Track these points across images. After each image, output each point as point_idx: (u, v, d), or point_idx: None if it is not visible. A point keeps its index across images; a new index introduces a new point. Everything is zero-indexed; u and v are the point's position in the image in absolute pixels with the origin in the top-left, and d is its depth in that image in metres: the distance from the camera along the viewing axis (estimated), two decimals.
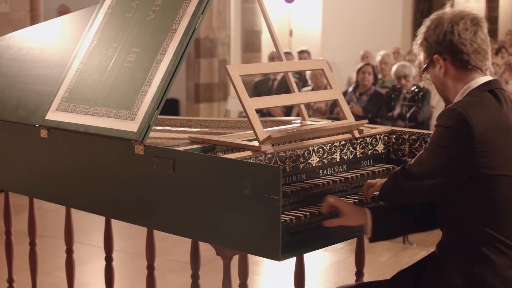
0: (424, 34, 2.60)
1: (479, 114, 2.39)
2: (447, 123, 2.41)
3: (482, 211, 2.44)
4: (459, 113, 2.38)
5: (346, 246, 5.56)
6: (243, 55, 12.53)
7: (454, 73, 2.54)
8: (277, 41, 3.28)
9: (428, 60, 2.60)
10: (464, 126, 2.37)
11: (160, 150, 2.72)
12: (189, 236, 2.76)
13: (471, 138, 2.36)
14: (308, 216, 2.62)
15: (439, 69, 2.56)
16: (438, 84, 2.61)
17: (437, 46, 2.54)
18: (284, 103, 3.07)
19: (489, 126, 2.39)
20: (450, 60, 2.53)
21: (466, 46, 2.50)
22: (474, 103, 2.43)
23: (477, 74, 2.53)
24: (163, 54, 2.82)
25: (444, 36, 2.51)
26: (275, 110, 8.77)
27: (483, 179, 2.41)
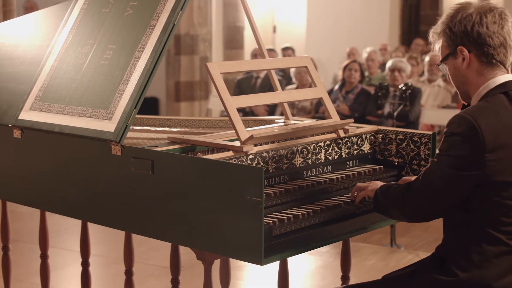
0: (447, 23, 2.57)
1: (489, 121, 2.38)
2: (456, 131, 2.40)
3: (493, 217, 2.44)
4: (468, 121, 2.38)
5: (332, 249, 5.57)
6: (225, 52, 12.52)
7: (477, 66, 2.52)
8: (260, 37, 3.28)
9: (449, 51, 2.58)
10: (474, 134, 2.36)
11: (138, 151, 2.72)
12: (168, 240, 2.76)
13: (482, 147, 2.36)
14: (291, 218, 2.63)
15: (461, 61, 2.54)
16: (458, 76, 2.59)
17: (462, 37, 2.52)
18: (266, 101, 3.08)
19: (500, 133, 2.38)
20: (475, 53, 2.51)
21: (493, 39, 2.49)
22: (484, 110, 2.43)
23: (499, 70, 2.52)
24: (141, 51, 2.82)
25: (472, 27, 2.49)
26: (258, 109, 8.78)
27: (496, 186, 2.41)
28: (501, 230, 2.45)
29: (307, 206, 2.76)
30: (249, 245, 2.40)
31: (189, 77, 11.39)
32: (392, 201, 2.61)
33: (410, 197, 2.53)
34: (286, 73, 10.23)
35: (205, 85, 11.46)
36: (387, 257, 5.48)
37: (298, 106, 8.54)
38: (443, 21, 2.60)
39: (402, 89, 6.98)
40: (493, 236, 2.45)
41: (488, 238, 2.45)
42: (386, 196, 2.64)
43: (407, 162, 3.22)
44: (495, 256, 2.46)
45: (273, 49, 11.38)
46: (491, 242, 2.46)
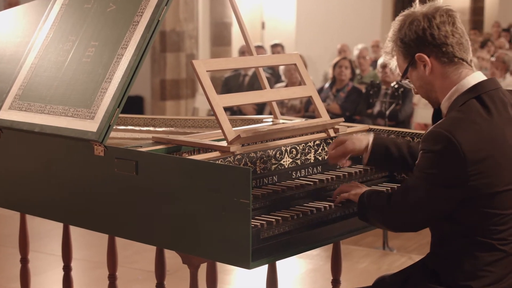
0: (397, 36, 2.55)
1: (468, 134, 2.34)
2: (433, 149, 2.37)
3: (484, 227, 2.43)
4: (445, 137, 2.34)
5: (322, 252, 5.58)
6: (212, 49, 12.52)
7: (441, 69, 2.50)
8: (247, 34, 3.29)
9: (407, 63, 2.56)
10: (453, 150, 2.32)
11: (121, 151, 2.71)
12: (153, 243, 2.76)
13: (463, 162, 2.32)
14: (280, 221, 2.63)
15: (423, 68, 2.52)
16: (423, 86, 2.56)
17: (417, 44, 2.50)
18: (254, 100, 3.09)
19: (480, 145, 2.35)
20: (434, 55, 2.50)
21: (449, 38, 2.48)
22: (460, 122, 2.38)
23: (463, 68, 2.51)
24: (124, 48, 2.82)
25: (424, 31, 2.48)
26: (246, 108, 8.78)
27: (483, 198, 2.38)
28: (493, 237, 2.43)
29: (296, 208, 2.76)
30: (236, 248, 2.40)
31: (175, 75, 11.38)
32: (373, 212, 2.60)
33: (391, 212, 2.52)
34: (275, 71, 10.23)
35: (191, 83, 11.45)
36: (379, 260, 5.49)
37: (288, 105, 8.55)
38: (391, 37, 2.59)
39: (394, 87, 6.99)
40: (485, 243, 2.44)
41: (480, 246, 2.44)
42: (369, 205, 2.63)
43: None
44: (489, 264, 2.45)
45: (261, 46, 11.39)
46: (484, 250, 2.44)
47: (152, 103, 11.56)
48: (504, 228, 2.43)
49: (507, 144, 2.41)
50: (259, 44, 11.69)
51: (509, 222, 2.43)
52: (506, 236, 2.43)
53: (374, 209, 2.60)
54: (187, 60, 11.35)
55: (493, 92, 2.48)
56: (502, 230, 2.43)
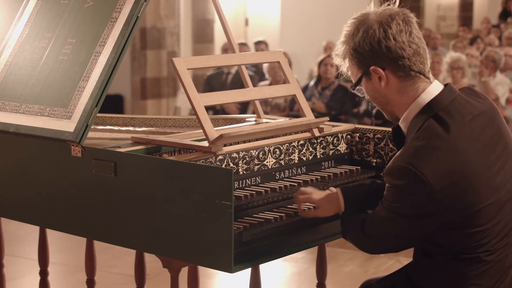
0: (349, 43, 2.47)
1: (431, 164, 2.29)
2: (398, 183, 2.33)
3: (466, 245, 2.40)
4: (409, 171, 2.29)
5: (307, 255, 5.59)
6: (194, 47, 12.50)
7: (397, 84, 2.44)
8: (229, 31, 3.29)
9: (361, 73, 2.49)
10: (419, 183, 2.28)
11: (99, 152, 2.71)
12: (133, 246, 2.76)
13: (431, 192, 2.28)
14: (263, 223, 2.64)
15: (378, 81, 2.45)
16: (378, 98, 2.50)
17: (372, 56, 2.42)
18: (236, 99, 3.09)
19: (446, 172, 2.30)
20: (390, 69, 2.42)
21: (406, 50, 2.40)
22: (421, 151, 2.32)
23: (420, 82, 2.44)
24: (102, 46, 2.81)
25: (379, 43, 2.40)
26: (229, 107, 8.78)
27: (461, 220, 2.35)
28: (477, 252, 2.40)
29: (280, 210, 2.76)
30: (218, 251, 2.40)
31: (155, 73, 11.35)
32: (350, 235, 2.57)
33: (366, 239, 2.50)
34: (259, 68, 10.24)
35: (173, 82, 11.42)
36: (366, 263, 5.51)
37: (272, 104, 8.56)
38: (344, 41, 2.51)
39: None
40: (470, 258, 2.41)
41: (465, 261, 2.41)
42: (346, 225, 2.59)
43: (385, 163, 3.23)
44: (476, 277, 2.42)
45: (245, 43, 11.39)
46: (469, 263, 2.41)
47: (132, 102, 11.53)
48: (487, 241, 2.40)
49: (473, 161, 2.35)
50: (243, 41, 11.69)
51: (490, 234, 2.40)
52: (489, 247, 2.41)
53: (351, 235, 2.57)
54: (168, 57, 11.33)
55: (450, 106, 2.41)
56: (486, 243, 2.40)
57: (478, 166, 2.36)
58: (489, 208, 2.37)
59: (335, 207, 2.63)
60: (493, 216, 2.38)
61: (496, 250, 2.42)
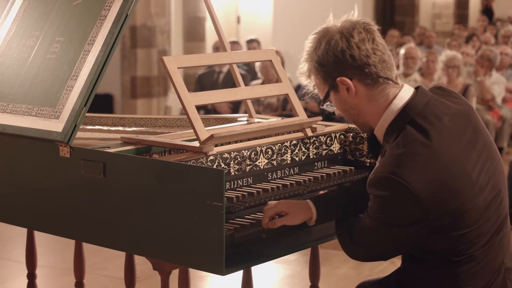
0: (313, 58, 2.48)
1: (414, 170, 2.29)
2: (382, 194, 2.33)
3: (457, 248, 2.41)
4: (393, 180, 2.29)
5: (300, 257, 5.60)
6: (185, 45, 12.49)
7: (365, 92, 2.43)
8: (220, 28, 3.29)
9: (328, 87, 2.48)
10: (404, 192, 2.28)
11: (88, 152, 2.71)
12: (122, 249, 2.76)
13: (417, 200, 2.28)
14: (255, 224, 2.64)
15: (346, 92, 2.45)
16: (349, 110, 2.50)
17: (337, 68, 2.42)
18: (227, 98, 3.09)
19: (430, 177, 2.30)
20: (357, 78, 2.42)
21: (371, 57, 2.40)
22: (403, 159, 2.31)
23: (390, 88, 2.43)
24: (91, 44, 2.81)
25: (343, 53, 2.40)
26: (221, 107, 8.78)
27: (449, 224, 2.36)
28: (467, 253, 2.40)
29: None
30: (209, 253, 2.40)
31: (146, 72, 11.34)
32: (340, 242, 2.58)
33: (355, 247, 2.50)
34: (251, 67, 10.24)
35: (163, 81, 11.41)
36: (360, 265, 5.51)
37: (264, 103, 8.57)
38: (307, 58, 2.51)
39: None
40: (461, 260, 2.41)
41: (455, 263, 2.42)
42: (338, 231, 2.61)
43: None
44: (468, 278, 2.43)
45: (237, 42, 11.39)
46: (460, 264, 2.42)
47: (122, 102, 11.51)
48: (477, 240, 2.40)
49: (456, 164, 2.35)
50: (234, 40, 11.69)
51: (479, 234, 2.40)
52: (480, 246, 2.42)
53: (340, 241, 2.58)
54: (158, 56, 11.32)
55: (424, 109, 2.41)
56: (476, 242, 2.41)
57: (462, 168, 2.36)
58: (476, 208, 2.37)
59: (304, 214, 2.62)
60: (480, 216, 2.38)
61: (486, 248, 2.43)
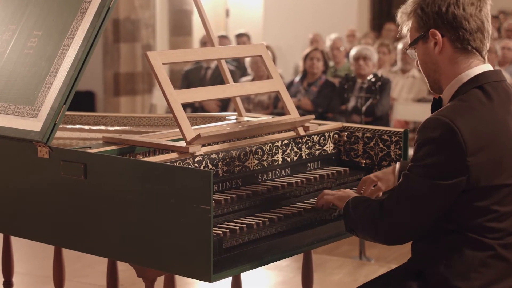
0: (419, 2, 2.58)
1: (468, 121, 2.40)
2: (431, 136, 2.41)
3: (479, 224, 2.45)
4: (445, 123, 2.39)
5: (292, 263, 5.60)
6: (171, 39, 12.48)
7: (451, 53, 2.54)
8: (207, 22, 3.29)
9: (420, 33, 2.58)
10: (453, 137, 2.38)
11: (68, 153, 2.70)
12: (104, 254, 2.75)
13: (462, 150, 2.37)
14: (245, 228, 2.64)
15: (433, 46, 2.55)
16: (428, 63, 2.61)
17: (435, 19, 2.53)
18: (215, 96, 3.09)
19: (480, 132, 2.40)
20: (448, 37, 2.53)
21: (470, 23, 2.51)
22: (460, 109, 2.44)
23: (475, 59, 2.55)
24: (71, 39, 2.81)
25: (448, 7, 2.51)
26: (209, 105, 8.77)
27: (481, 192, 2.43)
28: (488, 236, 2.47)
29: (262, 215, 2.77)
30: (196, 259, 2.40)
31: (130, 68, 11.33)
32: (362, 223, 2.60)
33: (386, 221, 2.50)
34: (241, 63, 10.24)
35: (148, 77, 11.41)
36: (356, 271, 5.52)
37: (255, 101, 8.56)
38: (415, 0, 2.61)
39: (371, 81, 7.03)
40: (479, 241, 2.47)
41: (472, 244, 2.47)
42: (355, 217, 2.62)
43: (375, 164, 3.26)
44: (482, 265, 2.48)
45: (225, 36, 11.38)
46: (477, 248, 2.47)
47: (104, 99, 11.50)
48: (501, 227, 2.47)
49: (509, 135, 2.47)
50: (223, 34, 11.68)
51: (505, 222, 2.47)
52: (503, 236, 2.47)
53: (363, 222, 2.59)
54: (143, 51, 11.30)
55: (497, 83, 2.53)
56: (499, 230, 2.47)
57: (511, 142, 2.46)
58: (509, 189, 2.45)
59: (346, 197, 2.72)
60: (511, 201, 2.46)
61: (509, 245, 2.49)
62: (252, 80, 8.48)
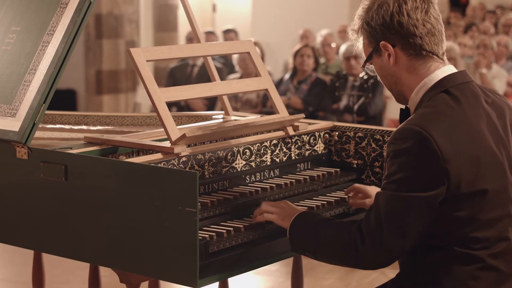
0: (364, 17, 2.58)
1: (439, 126, 2.38)
2: (403, 147, 2.38)
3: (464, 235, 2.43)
4: (416, 131, 2.37)
5: (282, 267, 5.60)
6: (155, 35, 12.47)
7: (406, 62, 2.53)
8: (193, 17, 3.29)
9: (371, 48, 2.59)
10: (426, 145, 2.35)
11: (48, 154, 2.70)
12: (86, 259, 2.75)
13: (438, 158, 2.34)
14: (232, 232, 2.64)
15: (387, 58, 2.55)
16: (387, 76, 2.60)
17: (383, 31, 2.53)
18: (201, 94, 3.09)
19: (453, 137, 2.39)
20: (400, 47, 2.52)
21: (418, 28, 2.50)
22: (428, 115, 2.42)
23: (433, 62, 2.54)
24: (51, 35, 2.80)
25: (391, 17, 2.50)
26: (195, 103, 8.77)
27: (463, 199, 2.40)
28: (475, 247, 2.44)
29: (250, 218, 2.77)
30: (181, 264, 2.40)
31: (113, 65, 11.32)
32: (330, 248, 2.52)
33: (370, 248, 2.43)
34: (229, 60, 10.25)
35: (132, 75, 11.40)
36: (347, 276, 5.53)
37: (243, 99, 8.57)
38: (360, 16, 2.61)
39: (363, 79, 7.04)
40: (466, 255, 2.45)
41: (460, 258, 2.45)
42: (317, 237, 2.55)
43: (368, 164, 3.26)
44: (471, 278, 2.46)
45: (212, 32, 11.39)
46: (465, 262, 2.45)
47: (86, 98, 11.48)
48: (486, 236, 2.45)
49: (483, 136, 2.45)
50: (210, 30, 11.69)
51: (490, 230, 2.45)
52: (490, 245, 2.45)
53: (333, 247, 2.52)
54: (126, 47, 11.30)
55: (463, 85, 2.52)
56: (484, 239, 2.44)
57: (486, 144, 2.45)
58: (494, 195, 2.44)
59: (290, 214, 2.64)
60: (494, 207, 2.45)
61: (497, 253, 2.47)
62: (240, 77, 8.49)
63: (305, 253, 2.59)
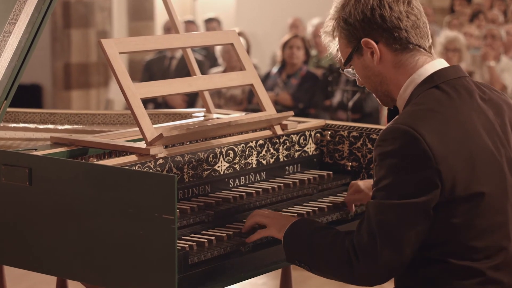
0: (339, 15, 2.57)
1: (430, 125, 2.38)
2: (391, 148, 2.38)
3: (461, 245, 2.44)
4: (404, 131, 2.37)
5: (269, 280, 5.61)
6: (130, 25, 12.47)
7: (392, 58, 2.54)
8: (171, 5, 3.29)
9: (351, 48, 2.58)
10: (416, 146, 2.35)
11: (10, 156, 2.69)
12: (53, 272, 2.75)
13: (430, 159, 2.34)
14: (214, 241, 2.65)
15: (370, 57, 2.55)
16: (371, 77, 2.60)
17: (363, 27, 2.53)
18: (179, 90, 3.09)
19: (445, 136, 2.39)
20: (384, 42, 2.53)
21: (403, 20, 2.50)
22: (418, 113, 2.43)
23: (420, 56, 2.54)
24: (13, 24, 2.80)
25: (372, 11, 2.50)
26: (174, 100, 8.77)
27: (458, 204, 2.40)
28: (474, 258, 2.44)
29: (234, 225, 2.78)
30: (158, 277, 2.40)
31: (82, 58, 11.31)
32: (324, 262, 2.53)
33: (364, 263, 2.43)
34: (211, 52, 10.25)
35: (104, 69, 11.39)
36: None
37: (226, 95, 8.57)
38: (333, 15, 2.61)
39: None
40: (466, 268, 2.44)
41: (459, 273, 2.45)
42: (311, 249, 2.56)
43: (363, 167, 3.27)
44: None
45: (192, 21, 11.40)
46: (465, 277, 2.45)
47: (53, 94, 11.47)
48: (486, 244, 2.45)
49: (477, 134, 2.45)
50: (190, 19, 11.69)
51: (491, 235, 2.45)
52: (490, 254, 2.46)
53: (327, 262, 2.53)
54: (97, 38, 11.28)
55: (455, 80, 2.52)
56: (484, 248, 2.45)
57: (482, 142, 2.44)
58: (492, 198, 2.43)
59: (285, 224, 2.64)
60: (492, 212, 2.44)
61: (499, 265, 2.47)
62: (223, 71, 8.49)
63: (301, 265, 2.60)
